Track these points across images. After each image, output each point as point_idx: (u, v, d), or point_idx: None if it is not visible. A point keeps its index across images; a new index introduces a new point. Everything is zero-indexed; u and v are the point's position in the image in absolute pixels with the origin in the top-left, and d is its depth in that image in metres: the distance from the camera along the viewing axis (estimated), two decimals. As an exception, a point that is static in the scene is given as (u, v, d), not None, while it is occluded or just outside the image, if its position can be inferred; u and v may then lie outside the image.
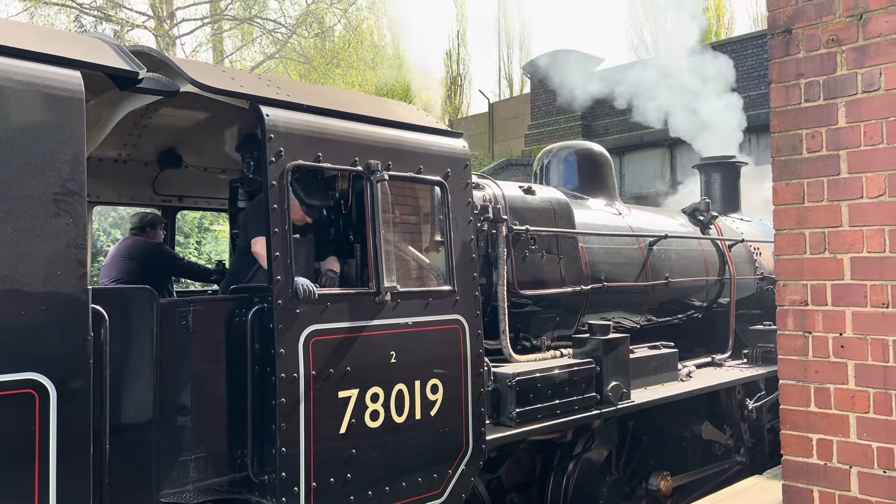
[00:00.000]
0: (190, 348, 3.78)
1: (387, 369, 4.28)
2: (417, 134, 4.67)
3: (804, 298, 3.28)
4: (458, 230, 4.73)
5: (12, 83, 3.14)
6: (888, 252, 3.04)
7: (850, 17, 3.16)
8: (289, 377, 3.85)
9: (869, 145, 3.09)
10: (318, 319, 3.99)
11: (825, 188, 3.22)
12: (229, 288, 4.40)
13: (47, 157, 3.20)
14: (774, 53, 3.39)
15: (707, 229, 7.75)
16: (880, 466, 3.06)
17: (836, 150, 3.19)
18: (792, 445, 3.33)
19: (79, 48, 3.53)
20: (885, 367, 3.05)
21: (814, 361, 3.26)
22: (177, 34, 25.86)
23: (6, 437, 3.03)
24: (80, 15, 25.04)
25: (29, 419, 3.08)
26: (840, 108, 3.18)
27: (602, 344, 5.52)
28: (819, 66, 3.25)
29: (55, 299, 3.17)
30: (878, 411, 3.07)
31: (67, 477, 3.15)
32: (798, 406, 3.31)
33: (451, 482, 4.57)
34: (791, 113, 3.33)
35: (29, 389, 3.09)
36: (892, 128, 3.04)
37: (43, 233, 3.16)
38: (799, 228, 3.30)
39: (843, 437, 3.17)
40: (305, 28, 26.01)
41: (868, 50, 3.11)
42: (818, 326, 3.24)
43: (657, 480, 6.05)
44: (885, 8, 3.05)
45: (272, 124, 3.95)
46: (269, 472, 3.85)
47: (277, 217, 3.92)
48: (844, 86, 3.17)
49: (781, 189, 3.36)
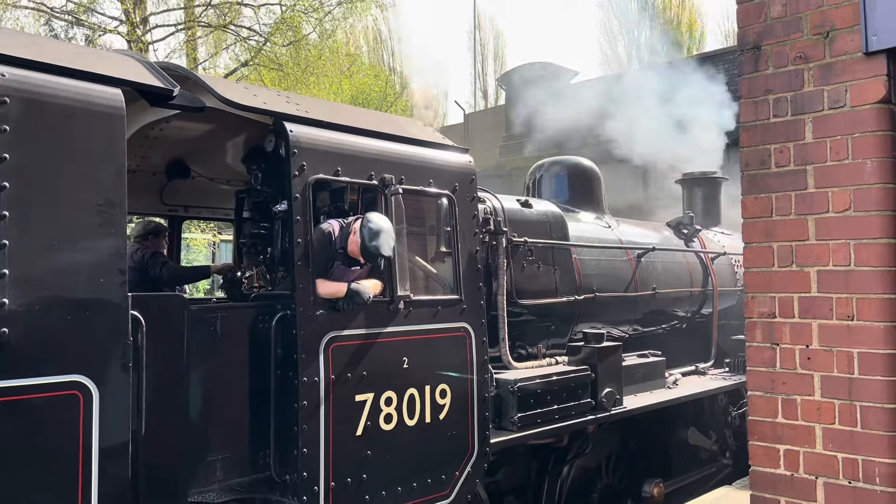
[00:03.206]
0: (217, 353, 4.00)
1: (400, 374, 4.53)
2: (427, 149, 4.95)
3: (772, 311, 3.34)
4: (465, 241, 5.00)
5: (60, 100, 3.35)
6: (853, 266, 3.10)
7: (818, 35, 3.23)
8: (310, 381, 4.09)
9: (835, 161, 3.16)
10: (337, 326, 4.24)
11: (793, 202, 3.28)
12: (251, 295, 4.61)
13: (92, 170, 3.42)
14: (744, 69, 3.45)
15: (691, 242, 8.13)
16: (845, 477, 3.11)
17: (804, 165, 3.25)
18: (760, 456, 3.36)
19: (115, 66, 3.75)
20: (850, 379, 3.10)
21: (781, 373, 3.30)
22: (150, 40, 25.85)
23: (53, 435, 3.23)
24: (51, 19, 24.94)
25: (74, 419, 3.29)
26: (807, 123, 3.25)
27: (597, 352, 5.82)
28: (787, 83, 3.31)
29: (98, 305, 3.38)
30: (843, 422, 3.12)
31: (108, 473, 3.36)
32: (766, 417, 3.35)
33: (459, 483, 4.82)
34: (760, 128, 3.39)
35: (74, 391, 3.29)
36: (857, 144, 3.11)
37: (88, 242, 3.37)
38: (767, 242, 3.36)
39: (809, 448, 3.21)
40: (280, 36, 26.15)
41: (834, 67, 3.18)
42: (785, 338, 3.29)
43: (651, 488, 6.36)
44: (851, 27, 3.12)
45: (295, 140, 4.20)
46: (291, 472, 4.07)
47: (300, 228, 4.16)
48: (811, 102, 3.24)
49: (750, 203, 3.42)
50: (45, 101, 3.32)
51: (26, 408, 3.17)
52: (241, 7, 25.95)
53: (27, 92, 3.27)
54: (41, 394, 3.21)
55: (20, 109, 3.23)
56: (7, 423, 3.12)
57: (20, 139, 3.22)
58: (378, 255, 4.26)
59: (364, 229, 4.24)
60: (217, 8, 25.87)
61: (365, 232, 4.23)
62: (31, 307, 3.19)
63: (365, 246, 4.24)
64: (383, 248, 4.24)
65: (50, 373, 3.23)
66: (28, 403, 3.18)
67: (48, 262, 3.25)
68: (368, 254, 4.27)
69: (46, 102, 3.32)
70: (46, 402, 3.23)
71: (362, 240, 4.25)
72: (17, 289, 3.15)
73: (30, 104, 3.26)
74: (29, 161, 3.24)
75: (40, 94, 3.31)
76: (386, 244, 4.25)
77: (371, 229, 4.23)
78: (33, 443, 3.18)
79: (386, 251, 4.26)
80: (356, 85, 29.26)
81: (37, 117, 3.29)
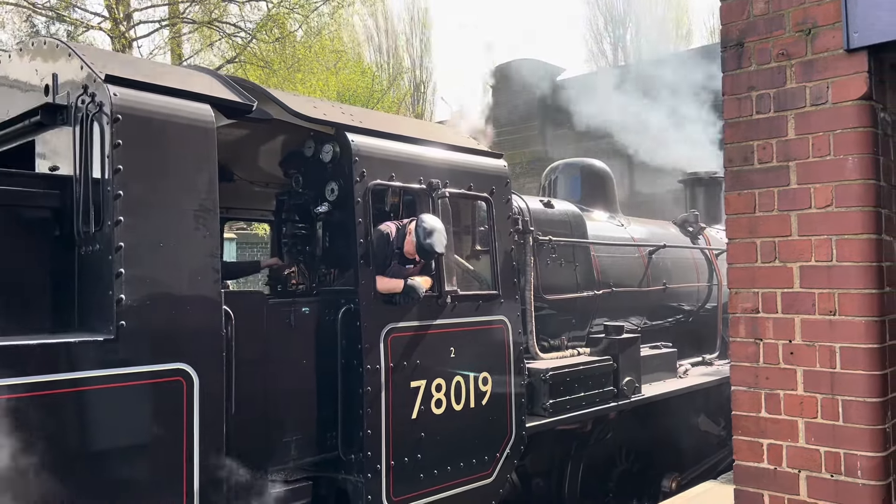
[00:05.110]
0: (290, 342, 4.49)
1: (447, 362, 5.05)
2: (467, 155, 5.47)
3: (755, 306, 3.38)
4: (501, 240, 5.53)
5: (161, 116, 3.84)
6: (835, 261, 3.16)
7: (800, 31, 3.26)
8: (373, 368, 4.60)
9: (817, 157, 3.21)
10: (395, 318, 4.74)
11: (775, 198, 3.32)
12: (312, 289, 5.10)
13: (189, 178, 3.91)
14: (727, 66, 3.50)
15: (696, 239, 8.71)
16: (828, 471, 3.16)
17: (786, 161, 3.29)
18: (743, 450, 3.42)
19: (201, 83, 4.22)
20: (833, 374, 3.15)
21: (764, 368, 3.35)
22: (134, 36, 26.07)
23: (162, 416, 3.72)
24: (32, 15, 25.07)
25: (178, 402, 3.77)
26: (790, 120, 3.28)
27: (617, 343, 6.37)
28: (770, 80, 3.35)
29: (197, 301, 3.87)
30: (825, 417, 3.17)
31: (207, 451, 3.85)
32: (749, 412, 3.40)
33: (499, 464, 5.35)
34: (743, 125, 3.43)
35: (178, 377, 3.78)
36: (838, 140, 3.15)
37: (187, 244, 3.86)
38: (750, 238, 3.40)
39: (792, 442, 3.26)
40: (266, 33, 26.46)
41: (816, 64, 3.22)
42: (769, 334, 3.34)
43: (669, 482, 6.93)
44: (833, 24, 3.17)
45: (357, 149, 4.69)
46: (356, 452, 4.58)
47: (362, 229, 4.66)
48: (794, 99, 3.27)
49: (733, 199, 3.47)
50: (150, 118, 3.80)
51: (140, 392, 3.66)
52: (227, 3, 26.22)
53: (134, 109, 3.75)
54: (151, 380, 3.70)
55: (129, 125, 3.71)
56: (125, 406, 3.60)
57: (131, 152, 3.70)
58: (432, 252, 4.76)
59: (419, 229, 4.74)
60: (202, 4, 26.11)
61: (420, 231, 4.73)
62: (143, 302, 3.67)
63: (420, 244, 4.74)
64: (437, 245, 4.74)
65: (158, 361, 3.72)
66: (141, 389, 3.66)
67: (155, 262, 3.74)
68: (423, 251, 4.77)
69: (150, 118, 3.80)
70: (155, 387, 3.72)
71: (417, 238, 4.75)
72: (132, 286, 3.64)
73: (137, 120, 3.75)
74: (138, 171, 3.72)
75: (145, 111, 3.79)
76: (439, 242, 4.75)
77: (425, 229, 4.72)
78: (146, 423, 3.67)
79: (439, 248, 4.76)
80: (342, 81, 29.64)
81: (143, 132, 3.77)
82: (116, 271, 3.60)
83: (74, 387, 3.44)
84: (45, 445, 3.34)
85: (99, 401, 3.53)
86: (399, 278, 4.82)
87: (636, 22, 34.38)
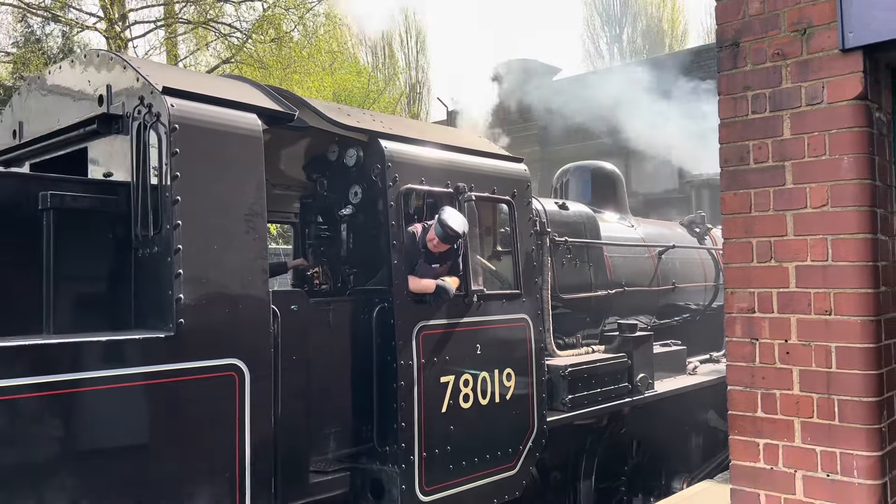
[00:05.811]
0: (329, 339, 4.77)
1: (474, 359, 5.33)
2: (490, 160, 5.76)
3: (751, 306, 3.41)
4: (523, 241, 5.82)
5: (213, 125, 4.11)
6: (830, 261, 3.19)
7: (795, 31, 3.30)
8: (406, 364, 4.88)
9: (812, 157, 3.24)
10: (426, 316, 5.03)
11: (771, 198, 3.36)
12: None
13: (239, 184, 4.18)
14: (723, 66, 3.53)
15: (703, 240, 9.02)
16: (824, 470, 3.19)
17: (782, 161, 3.32)
18: (739, 450, 3.45)
19: (247, 93, 4.49)
20: (829, 373, 3.18)
21: (760, 367, 3.38)
22: (129, 36, 26.24)
23: (217, 408, 3.99)
24: (27, 15, 25.22)
25: (231, 395, 4.04)
26: (785, 120, 3.31)
27: (631, 341, 6.67)
28: (765, 79, 3.38)
29: (248, 300, 4.14)
30: (821, 416, 3.20)
31: (256, 442, 4.12)
32: (745, 412, 3.43)
33: (522, 457, 5.64)
34: (739, 124, 3.46)
35: (231, 372, 4.05)
36: (834, 140, 3.18)
37: (239, 246, 4.13)
38: (746, 237, 3.43)
39: (788, 442, 3.29)
40: (261, 33, 26.68)
41: (811, 64, 3.25)
42: (765, 333, 3.36)
43: (681, 483, 7.23)
44: (828, 24, 3.20)
45: (389, 155, 4.98)
46: (391, 444, 4.86)
47: (395, 232, 4.94)
48: (789, 98, 3.31)
49: (729, 199, 3.50)
50: (204, 127, 4.07)
51: (197, 386, 3.92)
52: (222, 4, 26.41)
53: (190, 119, 4.02)
54: (208, 374, 3.97)
55: (186, 134, 3.97)
56: (183, 399, 3.87)
57: (187, 160, 3.96)
58: (453, 232, 5.00)
59: (440, 217, 5.03)
60: (197, 4, 26.31)
61: (442, 218, 5.01)
62: (200, 301, 3.94)
63: (441, 227, 4.99)
64: (455, 225, 4.98)
65: (214, 357, 3.99)
66: (198, 383, 3.93)
67: (210, 263, 4.01)
68: (445, 235, 5.03)
69: (205, 128, 4.07)
70: (210, 381, 3.99)
71: (441, 226, 5.00)
72: (190, 286, 3.90)
73: (192, 130, 4.01)
74: (194, 178, 3.99)
75: (199, 120, 4.06)
76: (455, 222, 5.00)
77: (441, 216, 5.03)
78: (203, 415, 3.93)
79: (458, 228, 5.00)
80: (338, 82, 29.86)
81: (198, 141, 4.04)
82: (176, 272, 3.86)
83: (141, 380, 3.70)
84: (109, 436, 3.61)
85: (161, 394, 3.79)
86: (428, 277, 5.10)
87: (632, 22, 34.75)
